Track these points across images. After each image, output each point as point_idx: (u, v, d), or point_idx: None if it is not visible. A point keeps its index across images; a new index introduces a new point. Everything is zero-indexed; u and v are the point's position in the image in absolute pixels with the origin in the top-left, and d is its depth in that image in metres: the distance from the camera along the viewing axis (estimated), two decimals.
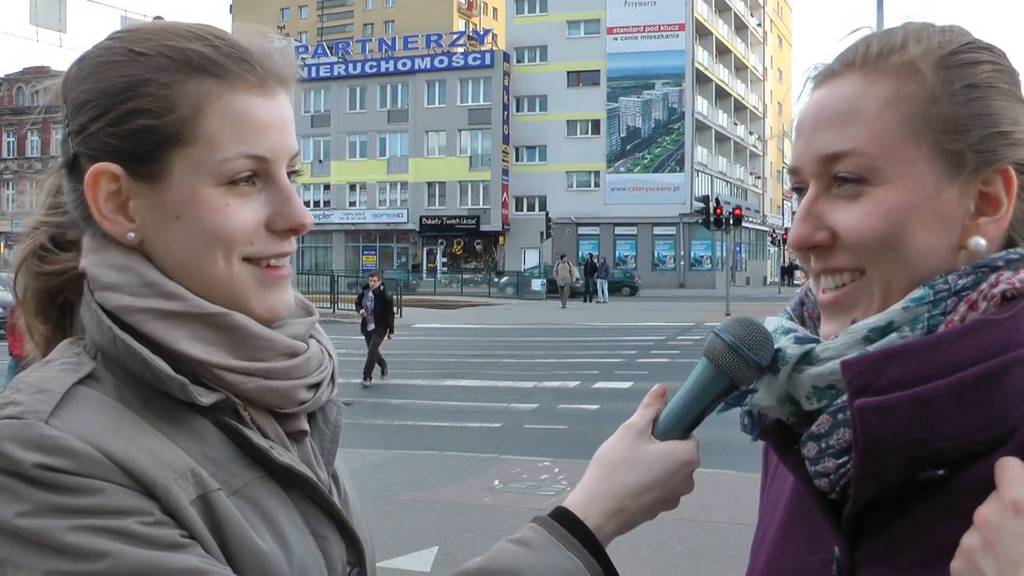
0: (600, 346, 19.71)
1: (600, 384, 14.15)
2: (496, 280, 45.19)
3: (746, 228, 56.04)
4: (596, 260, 38.76)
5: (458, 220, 54.99)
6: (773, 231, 67.58)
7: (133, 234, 0.93)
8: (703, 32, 55.00)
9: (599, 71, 53.08)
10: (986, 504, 0.76)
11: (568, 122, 53.73)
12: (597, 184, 53.34)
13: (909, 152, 0.87)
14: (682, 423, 1.03)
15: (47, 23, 23.40)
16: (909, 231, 0.87)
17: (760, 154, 69.97)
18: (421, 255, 56.50)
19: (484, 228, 54.49)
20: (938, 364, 0.82)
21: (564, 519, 0.99)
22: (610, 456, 1.03)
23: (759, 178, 69.56)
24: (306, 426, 1.02)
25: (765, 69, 71.31)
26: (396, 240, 57.27)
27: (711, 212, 30.74)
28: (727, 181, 59.88)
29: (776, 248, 67.15)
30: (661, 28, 52.18)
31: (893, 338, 0.86)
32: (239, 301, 0.95)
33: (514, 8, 55.89)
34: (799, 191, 0.96)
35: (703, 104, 54.73)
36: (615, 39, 52.69)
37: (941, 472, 0.84)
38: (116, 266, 0.93)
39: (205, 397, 0.91)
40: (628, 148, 52.62)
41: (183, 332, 0.91)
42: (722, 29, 59.71)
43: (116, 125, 0.91)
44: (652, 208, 51.85)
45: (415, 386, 14.30)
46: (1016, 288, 0.84)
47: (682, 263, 52.27)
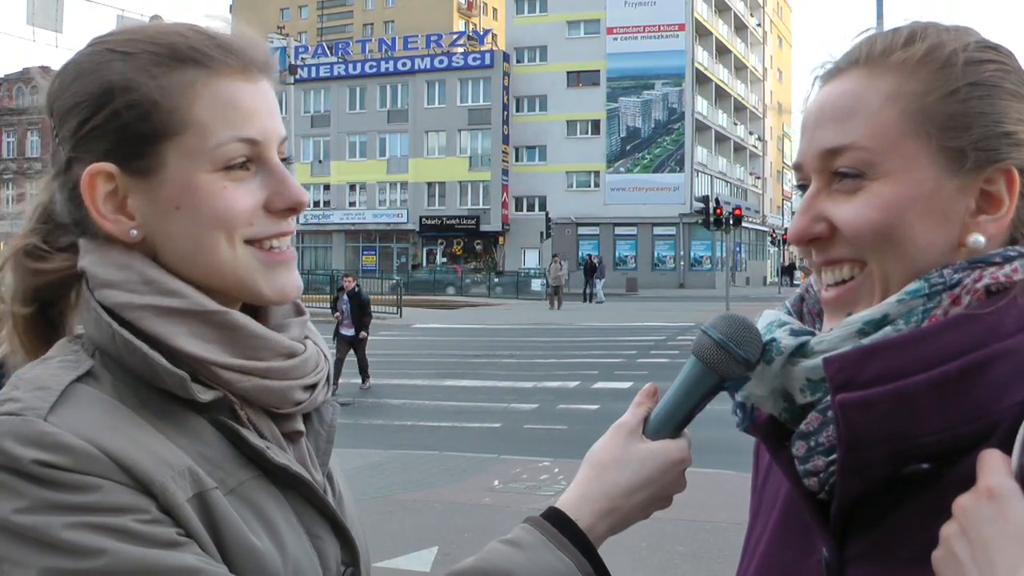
0: (600, 346, 19.70)
1: (600, 384, 14.15)
2: (495, 280, 45.16)
3: (746, 228, 55.99)
4: (595, 260, 38.75)
5: (458, 220, 54.99)
6: (773, 231, 67.56)
7: (136, 231, 0.94)
8: (703, 32, 55.00)
9: (599, 71, 53.07)
10: (965, 494, 0.77)
11: (568, 122, 53.72)
12: (597, 184, 53.33)
13: (909, 147, 0.87)
14: (673, 421, 1.03)
15: (44, 23, 23.36)
16: (907, 224, 0.87)
17: (760, 154, 69.95)
18: (421, 255, 56.49)
19: (484, 228, 54.48)
20: (920, 359, 0.82)
21: (556, 519, 1.00)
22: (601, 456, 1.04)
23: (759, 178, 69.55)
24: (302, 427, 1.03)
25: (765, 69, 71.29)
26: (396, 240, 57.26)
27: (711, 212, 30.76)
28: (727, 181, 59.88)
29: (776, 248, 67.16)
30: (661, 28, 52.17)
31: (887, 331, 0.86)
32: (248, 285, 0.95)
33: (514, 8, 55.88)
34: (803, 188, 0.96)
35: (703, 104, 54.72)
36: (615, 39, 52.68)
37: (926, 466, 0.84)
38: (116, 264, 0.93)
39: (203, 394, 0.91)
40: (628, 148, 52.61)
41: (182, 329, 0.91)
42: (722, 29, 59.70)
43: (106, 124, 0.91)
44: (652, 208, 51.83)
45: (415, 386, 14.30)
46: (1000, 283, 0.85)
47: (682, 263, 52.27)
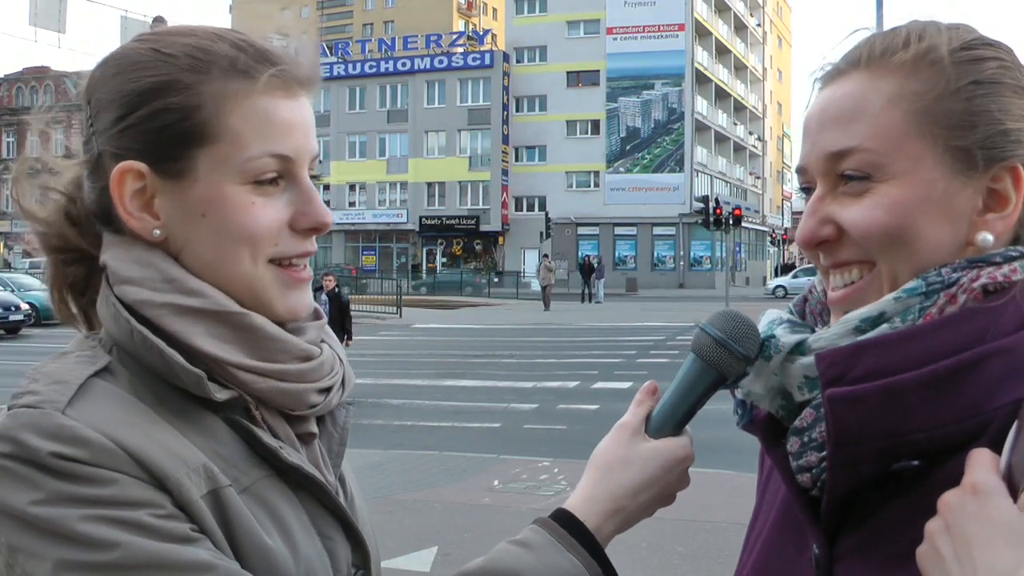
0: (599, 346, 19.72)
1: (600, 384, 14.15)
2: (494, 280, 45.15)
3: (745, 228, 56.00)
4: (593, 261, 38.70)
5: (458, 220, 54.99)
6: (773, 231, 67.61)
7: (159, 231, 0.94)
8: (703, 32, 55.00)
9: (599, 71, 53.07)
10: (951, 490, 0.77)
11: (568, 122, 53.73)
12: (597, 184, 53.34)
13: (914, 148, 0.87)
14: (674, 419, 1.03)
15: (46, 24, 23.38)
16: (916, 225, 0.87)
17: (760, 154, 69.94)
18: (421, 255, 56.50)
19: (484, 228, 54.49)
20: (912, 356, 0.82)
21: (564, 520, 1.00)
22: (605, 457, 1.04)
23: (759, 178, 69.54)
24: (315, 428, 1.03)
25: (765, 69, 71.28)
26: (396, 240, 57.27)
27: (711, 212, 30.77)
28: (727, 181, 59.88)
29: (776, 248, 67.16)
30: (661, 28, 52.17)
31: (884, 328, 0.86)
32: (262, 301, 0.96)
33: (514, 8, 55.89)
34: (807, 191, 0.96)
35: (703, 104, 54.73)
36: (615, 39, 52.68)
37: (916, 463, 0.84)
38: (138, 261, 0.94)
39: (219, 393, 0.91)
40: (628, 148, 52.62)
41: (200, 329, 0.92)
42: (722, 29, 59.70)
43: (142, 124, 0.92)
44: (652, 208, 51.83)
45: (415, 386, 14.29)
46: (998, 282, 0.85)
47: (682, 263, 52.27)
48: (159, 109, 0.92)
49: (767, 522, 1.05)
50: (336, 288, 13.16)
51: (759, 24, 70.24)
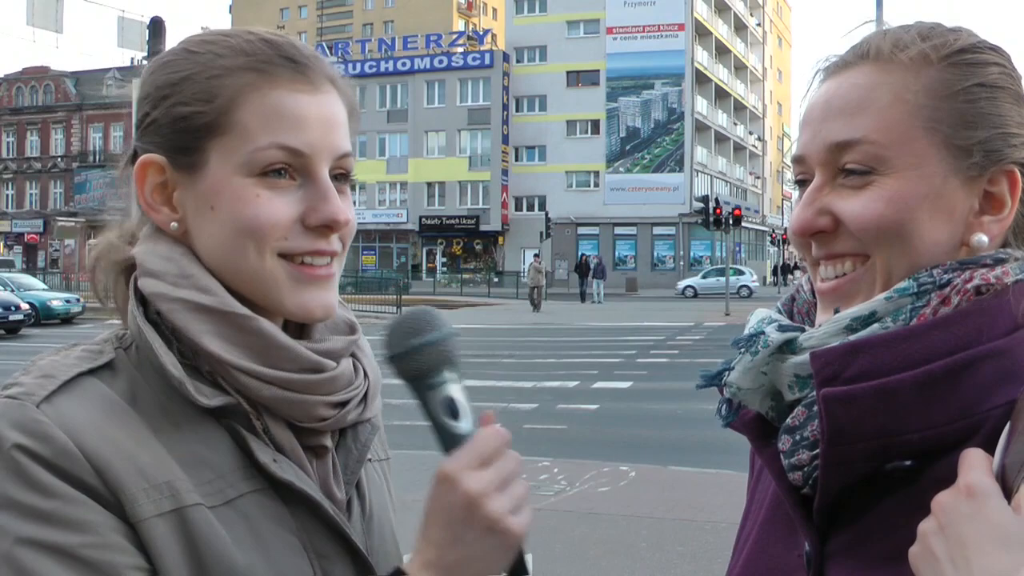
0: (599, 346, 19.72)
1: (599, 384, 14.14)
2: (494, 280, 45.13)
3: (745, 228, 56.00)
4: (590, 260, 38.62)
5: (458, 220, 55.01)
6: (772, 231, 67.55)
7: (175, 224, 0.95)
8: (703, 32, 55.03)
9: (599, 71, 53.11)
10: (944, 491, 0.77)
11: (568, 122, 53.76)
12: (596, 184, 53.37)
13: (918, 144, 0.88)
14: (444, 447, 1.02)
15: (44, 24, 23.33)
16: (914, 221, 0.87)
17: (760, 154, 69.98)
18: (421, 255, 56.51)
19: (484, 228, 54.51)
20: (906, 356, 0.82)
21: None
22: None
23: (759, 178, 69.59)
24: (329, 442, 1.00)
25: (765, 69, 71.32)
26: (396, 240, 57.28)
27: (710, 212, 30.73)
28: (726, 181, 59.92)
29: (776, 248, 67.17)
30: (661, 28, 52.21)
31: (875, 328, 0.86)
32: (271, 297, 0.95)
33: (514, 8, 55.91)
34: (802, 183, 0.95)
35: (703, 104, 54.75)
36: (615, 39, 52.71)
37: (908, 463, 0.84)
38: (162, 255, 0.94)
39: (209, 398, 0.90)
40: (628, 148, 52.65)
41: (208, 327, 0.91)
42: (722, 29, 59.73)
43: (162, 118, 0.95)
44: (651, 208, 51.86)
45: None
46: (990, 284, 0.85)
47: (681, 263, 52.26)
48: (177, 103, 0.94)
49: (757, 521, 1.05)
50: None
51: (759, 24, 70.28)
